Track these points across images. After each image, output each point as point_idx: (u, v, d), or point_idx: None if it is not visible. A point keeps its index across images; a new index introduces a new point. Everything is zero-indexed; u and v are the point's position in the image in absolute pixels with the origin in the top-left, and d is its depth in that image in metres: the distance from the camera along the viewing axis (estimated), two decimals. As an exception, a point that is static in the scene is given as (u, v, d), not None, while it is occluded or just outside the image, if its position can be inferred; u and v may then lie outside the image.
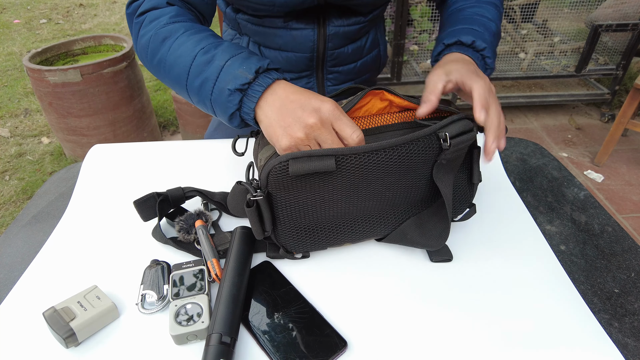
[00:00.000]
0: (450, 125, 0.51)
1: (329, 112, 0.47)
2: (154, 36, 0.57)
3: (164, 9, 0.59)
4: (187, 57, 0.53)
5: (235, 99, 0.50)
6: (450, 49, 0.64)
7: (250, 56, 0.51)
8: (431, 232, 0.56)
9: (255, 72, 0.50)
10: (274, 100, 0.49)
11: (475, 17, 0.66)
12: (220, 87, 0.51)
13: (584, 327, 0.49)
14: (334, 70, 0.81)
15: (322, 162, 0.46)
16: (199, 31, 0.56)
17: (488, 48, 0.62)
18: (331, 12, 0.73)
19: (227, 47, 0.53)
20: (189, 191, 0.62)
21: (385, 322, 0.50)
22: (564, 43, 2.36)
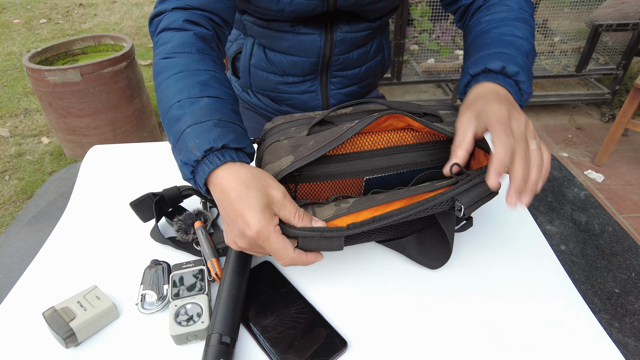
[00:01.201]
0: (470, 191, 0.46)
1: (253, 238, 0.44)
2: (155, 64, 0.55)
3: (175, 34, 0.56)
4: (166, 104, 0.51)
5: (188, 170, 0.47)
6: (477, 79, 0.56)
7: (213, 128, 0.47)
8: (430, 252, 0.56)
9: (205, 151, 0.45)
10: (216, 187, 0.46)
11: (504, 37, 0.59)
12: (177, 152, 0.48)
13: (584, 327, 0.49)
14: (338, 74, 0.80)
15: (331, 243, 0.46)
16: (191, 75, 0.52)
17: (522, 72, 0.54)
18: (339, 18, 0.72)
19: (198, 109, 0.48)
20: (185, 190, 0.62)
21: (385, 322, 0.50)
22: (564, 43, 2.36)
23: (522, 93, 0.56)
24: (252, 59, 0.80)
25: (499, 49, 0.57)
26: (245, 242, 0.45)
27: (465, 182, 0.47)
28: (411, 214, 0.46)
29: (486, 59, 0.56)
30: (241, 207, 0.44)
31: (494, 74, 0.55)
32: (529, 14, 0.64)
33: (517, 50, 0.57)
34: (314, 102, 0.83)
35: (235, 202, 0.44)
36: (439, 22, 2.24)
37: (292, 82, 0.80)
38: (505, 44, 0.58)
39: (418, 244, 0.56)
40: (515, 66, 0.54)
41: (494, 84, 0.54)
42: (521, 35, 0.59)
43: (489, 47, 0.58)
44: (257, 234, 0.43)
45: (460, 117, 0.51)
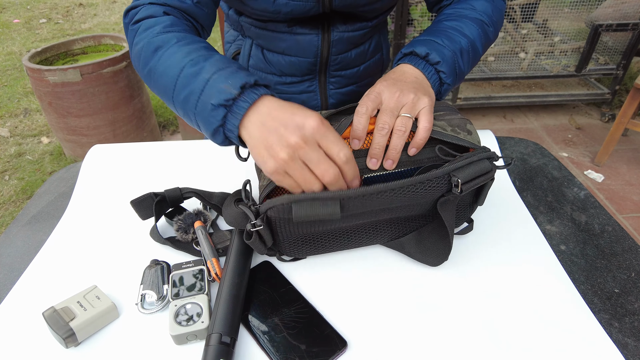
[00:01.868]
0: (467, 167, 0.48)
1: (312, 129, 0.44)
2: (147, 45, 0.55)
3: (159, 18, 0.58)
4: (175, 68, 0.51)
5: (219, 115, 0.48)
6: (404, 59, 0.61)
7: (238, 71, 0.49)
8: (430, 249, 0.56)
9: (241, 87, 0.47)
10: (257, 118, 0.47)
11: (448, 30, 0.63)
12: (204, 101, 0.48)
13: (584, 327, 0.49)
14: (336, 74, 0.81)
15: (327, 208, 0.45)
16: (191, 42, 0.54)
17: (443, 63, 0.58)
18: (336, 18, 0.73)
19: (216, 60, 0.50)
20: (186, 192, 0.62)
21: (385, 322, 0.50)
22: (564, 43, 2.36)
23: (442, 82, 0.60)
24: (250, 60, 0.81)
25: (434, 38, 0.61)
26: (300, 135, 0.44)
27: (461, 160, 0.49)
28: (409, 186, 0.46)
29: (417, 43, 0.60)
30: (295, 108, 0.46)
31: (419, 58, 0.59)
32: (489, 19, 0.66)
33: (451, 42, 0.60)
34: (313, 102, 0.83)
35: (285, 108, 0.46)
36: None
37: (290, 82, 0.80)
38: (443, 34, 0.61)
39: (417, 242, 0.56)
40: (438, 55, 0.58)
41: (413, 67, 0.59)
42: (466, 33, 0.62)
43: (429, 34, 0.62)
44: (320, 121, 0.45)
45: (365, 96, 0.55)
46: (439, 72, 0.59)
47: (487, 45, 0.66)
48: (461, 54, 0.61)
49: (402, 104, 0.53)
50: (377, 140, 0.51)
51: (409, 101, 0.53)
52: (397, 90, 0.53)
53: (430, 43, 0.60)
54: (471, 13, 0.65)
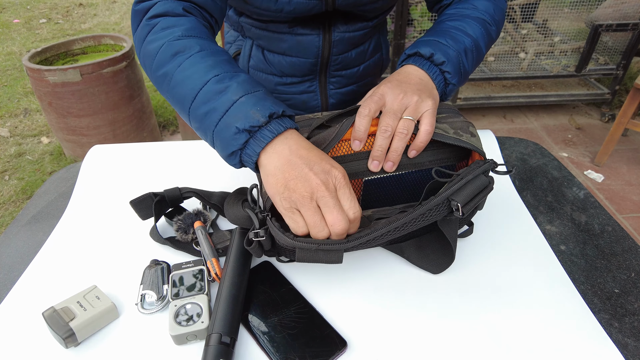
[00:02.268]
0: (464, 188, 0.47)
1: (337, 178, 0.45)
2: (165, 46, 0.53)
3: (179, 19, 0.55)
4: (197, 80, 0.50)
5: (241, 139, 0.47)
6: (408, 60, 0.60)
7: (267, 97, 0.49)
8: (430, 257, 0.55)
9: (269, 116, 0.46)
10: (282, 149, 0.47)
11: (451, 30, 0.62)
12: (228, 122, 0.47)
13: (584, 327, 0.49)
14: (337, 74, 0.81)
15: (330, 257, 0.45)
16: (215, 53, 0.52)
17: (448, 63, 0.58)
18: (337, 18, 0.73)
19: (243, 81, 0.49)
20: (186, 192, 0.62)
21: (385, 322, 0.50)
22: (564, 43, 2.36)
23: (447, 83, 0.59)
24: (250, 61, 0.80)
25: (438, 38, 0.60)
26: (324, 180, 0.45)
27: (457, 181, 0.47)
28: (411, 221, 0.46)
29: (421, 44, 0.60)
30: (323, 154, 0.47)
31: (423, 59, 0.59)
32: (491, 18, 0.66)
33: (455, 42, 0.60)
34: (313, 102, 0.83)
35: (314, 151, 0.47)
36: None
37: (291, 82, 0.80)
38: (446, 35, 0.61)
39: (417, 248, 0.56)
40: (442, 56, 0.58)
41: (418, 68, 0.58)
42: (470, 33, 0.62)
43: (432, 34, 0.62)
44: (344, 174, 0.46)
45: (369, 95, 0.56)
46: (444, 72, 0.58)
47: (489, 44, 0.66)
48: (465, 53, 0.60)
49: (405, 106, 0.53)
50: (379, 142, 0.51)
51: (412, 103, 0.53)
52: (401, 92, 0.53)
53: (434, 43, 0.59)
54: (473, 12, 0.65)
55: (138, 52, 0.59)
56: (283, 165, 0.46)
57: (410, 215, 0.46)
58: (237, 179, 0.73)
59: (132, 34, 0.60)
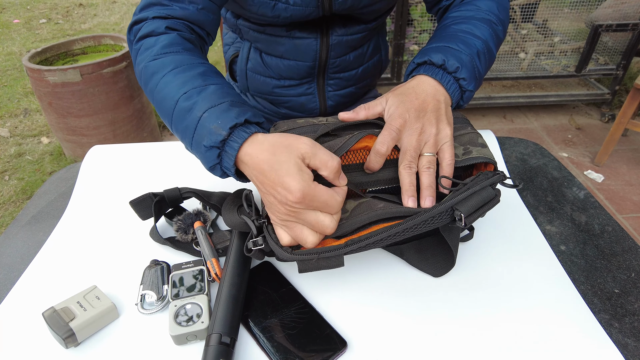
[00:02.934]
0: (470, 199, 0.46)
1: (296, 204, 0.43)
2: (144, 68, 0.54)
3: (159, 37, 0.56)
4: (171, 100, 0.50)
5: (213, 154, 0.47)
6: (419, 70, 0.57)
7: (231, 108, 0.47)
8: (429, 260, 0.55)
9: (230, 128, 0.46)
10: (251, 167, 0.46)
11: (459, 34, 0.59)
12: (197, 141, 0.48)
13: (584, 327, 0.49)
14: (335, 76, 0.80)
15: (331, 263, 0.45)
16: (188, 69, 0.52)
17: (463, 69, 0.55)
18: (335, 22, 0.72)
19: (209, 95, 0.49)
20: (185, 192, 0.62)
21: (385, 322, 0.50)
22: (564, 43, 2.36)
23: (463, 90, 0.56)
24: (248, 63, 0.80)
25: (447, 44, 0.57)
26: (289, 209, 0.43)
27: (464, 191, 0.46)
28: (412, 227, 0.45)
29: (431, 51, 0.57)
30: (276, 175, 0.43)
31: (435, 67, 0.56)
32: (496, 17, 0.64)
33: (467, 47, 0.57)
34: (311, 105, 0.83)
35: (269, 173, 0.44)
36: (439, 22, 2.24)
37: (289, 85, 0.80)
38: (456, 39, 0.58)
39: (417, 251, 0.56)
40: (456, 62, 0.55)
41: (431, 78, 0.55)
42: (479, 35, 0.59)
43: (440, 40, 0.59)
44: (302, 196, 0.42)
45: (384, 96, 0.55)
46: (459, 80, 0.55)
47: (498, 44, 0.64)
48: (478, 56, 0.58)
49: (425, 141, 0.51)
50: (407, 180, 0.50)
51: (431, 138, 0.51)
52: (419, 127, 0.51)
53: (444, 49, 0.56)
54: (478, 14, 0.63)
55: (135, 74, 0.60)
56: (259, 190, 0.47)
57: (412, 222, 0.45)
58: (237, 179, 0.73)
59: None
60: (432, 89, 0.54)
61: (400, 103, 0.53)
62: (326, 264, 0.45)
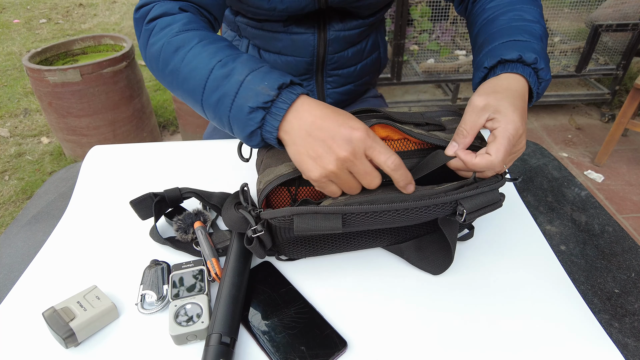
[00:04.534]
0: (475, 197, 0.46)
1: (360, 142, 0.43)
2: (166, 45, 0.53)
3: (176, 16, 0.55)
4: (203, 70, 0.50)
5: (257, 117, 0.46)
6: (494, 72, 0.54)
7: (272, 71, 0.48)
8: (429, 258, 0.55)
9: (278, 88, 0.46)
10: (300, 125, 0.46)
11: (514, 23, 0.57)
12: (240, 104, 0.47)
13: (584, 327, 0.49)
14: (333, 73, 0.80)
15: (328, 222, 0.44)
16: (215, 41, 0.52)
17: (540, 59, 0.52)
18: (332, 17, 0.72)
19: (246, 60, 0.49)
20: (186, 192, 0.62)
21: (385, 322, 0.50)
22: (564, 43, 2.36)
23: (540, 81, 0.54)
24: None
25: (512, 37, 0.55)
26: (350, 148, 0.43)
27: (472, 189, 0.46)
28: (414, 209, 0.45)
29: (500, 49, 0.54)
30: (342, 117, 0.45)
31: (512, 63, 0.53)
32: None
33: (531, 35, 0.54)
34: None
35: (334, 114, 0.45)
36: (439, 22, 2.24)
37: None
38: (517, 30, 0.55)
39: (417, 249, 0.56)
40: (532, 53, 0.52)
41: (512, 74, 0.52)
42: (531, 19, 0.57)
43: (501, 36, 0.56)
44: (366, 134, 0.43)
45: (474, 102, 0.49)
46: (538, 70, 0.53)
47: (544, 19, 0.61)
48: (542, 41, 0.55)
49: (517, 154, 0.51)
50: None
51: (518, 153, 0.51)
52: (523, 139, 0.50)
53: (513, 44, 0.53)
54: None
55: (144, 58, 0.59)
56: (307, 143, 0.45)
57: (415, 203, 0.45)
58: (237, 179, 0.73)
59: (138, 42, 0.61)
60: (522, 87, 0.51)
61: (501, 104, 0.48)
62: (324, 223, 0.44)
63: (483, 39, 0.59)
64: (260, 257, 0.53)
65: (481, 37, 0.60)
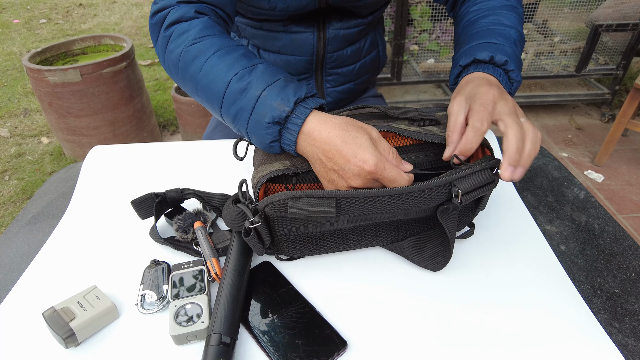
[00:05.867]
0: (468, 177, 0.47)
1: (370, 174, 0.45)
2: (184, 53, 0.54)
3: (192, 22, 0.56)
4: (220, 82, 0.51)
5: (274, 131, 0.48)
6: (467, 70, 0.58)
7: (287, 85, 0.49)
8: (429, 254, 0.55)
9: (294, 104, 0.48)
10: (313, 152, 0.48)
11: (491, 27, 0.60)
12: (257, 119, 0.49)
13: (584, 327, 0.49)
14: (333, 72, 0.80)
15: (322, 205, 0.45)
16: (230, 50, 0.53)
17: (510, 61, 0.56)
18: (331, 15, 0.73)
19: (262, 73, 0.50)
20: (187, 193, 0.62)
21: (385, 322, 0.50)
22: (564, 43, 2.36)
23: (511, 82, 0.57)
24: None
25: (487, 39, 0.58)
26: (361, 180, 0.46)
27: (465, 169, 0.47)
28: (408, 194, 0.46)
29: (475, 50, 0.57)
30: (351, 149, 0.46)
31: (483, 64, 0.56)
32: (516, 1, 0.64)
33: (505, 39, 0.58)
34: None
35: (342, 146, 0.46)
36: (439, 22, 2.24)
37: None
38: (493, 33, 0.59)
39: (416, 247, 0.56)
40: (503, 55, 0.55)
41: (485, 74, 0.56)
42: (509, 24, 0.60)
43: (477, 37, 0.59)
44: (375, 167, 0.45)
45: (452, 102, 0.53)
46: (508, 72, 0.56)
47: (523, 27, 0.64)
48: (516, 45, 0.59)
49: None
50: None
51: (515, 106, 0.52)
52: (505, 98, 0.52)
53: (486, 46, 0.57)
54: (499, 1, 0.63)
55: (163, 64, 0.59)
56: (320, 164, 0.48)
57: (409, 188, 0.46)
58: (238, 179, 0.73)
59: (154, 47, 0.61)
60: (487, 77, 0.55)
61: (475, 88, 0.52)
62: (318, 206, 0.45)
63: (462, 39, 0.62)
64: (259, 253, 0.53)
65: (462, 38, 0.63)
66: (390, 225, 0.56)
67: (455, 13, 0.72)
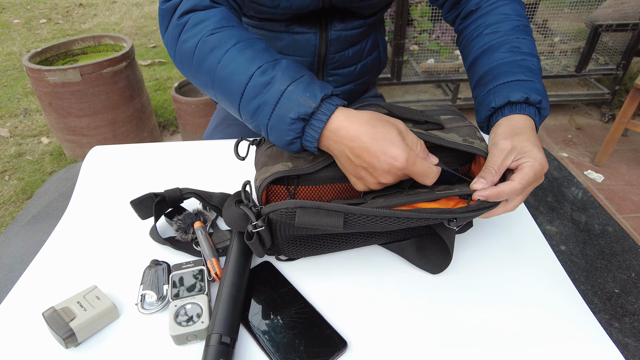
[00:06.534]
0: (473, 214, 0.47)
1: (400, 171, 0.45)
2: (201, 44, 0.52)
3: (209, 11, 0.54)
4: (242, 75, 0.49)
5: (297, 127, 0.47)
6: (502, 112, 0.55)
7: (313, 81, 0.48)
8: (429, 257, 0.56)
9: (321, 100, 0.47)
10: (340, 149, 0.47)
11: (514, 58, 0.58)
12: (281, 114, 0.47)
13: (584, 327, 0.49)
14: (334, 73, 0.81)
15: (330, 219, 0.45)
16: (251, 44, 0.51)
17: (543, 99, 0.54)
18: (333, 16, 0.73)
19: (286, 68, 0.49)
20: (186, 193, 0.62)
21: (386, 322, 0.50)
22: (564, 43, 2.36)
23: (541, 116, 0.56)
24: None
25: (516, 77, 0.56)
26: (392, 176, 0.46)
27: (474, 209, 0.47)
28: (412, 218, 0.46)
29: (506, 91, 0.55)
30: (380, 146, 0.45)
31: (519, 105, 0.54)
32: (524, 18, 0.63)
33: (532, 73, 0.56)
34: None
35: (371, 144, 0.45)
36: (439, 22, 2.24)
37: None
38: (519, 68, 0.57)
39: (417, 249, 0.56)
40: (537, 95, 0.54)
41: (521, 115, 0.54)
42: (528, 51, 0.58)
43: (504, 74, 0.57)
44: (406, 163, 0.45)
45: (500, 145, 0.50)
46: (541, 109, 0.55)
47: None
48: (540, 75, 0.58)
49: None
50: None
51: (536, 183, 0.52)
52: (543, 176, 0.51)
53: (518, 85, 0.55)
54: (510, 23, 0.61)
55: (172, 54, 0.57)
56: (347, 161, 0.48)
57: (417, 215, 0.46)
58: (238, 179, 0.73)
59: (162, 35, 0.58)
60: (532, 125, 0.53)
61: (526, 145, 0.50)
62: (326, 219, 0.45)
63: (483, 72, 0.60)
64: (260, 255, 0.53)
65: (479, 68, 0.61)
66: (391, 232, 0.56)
67: (461, 28, 0.68)
